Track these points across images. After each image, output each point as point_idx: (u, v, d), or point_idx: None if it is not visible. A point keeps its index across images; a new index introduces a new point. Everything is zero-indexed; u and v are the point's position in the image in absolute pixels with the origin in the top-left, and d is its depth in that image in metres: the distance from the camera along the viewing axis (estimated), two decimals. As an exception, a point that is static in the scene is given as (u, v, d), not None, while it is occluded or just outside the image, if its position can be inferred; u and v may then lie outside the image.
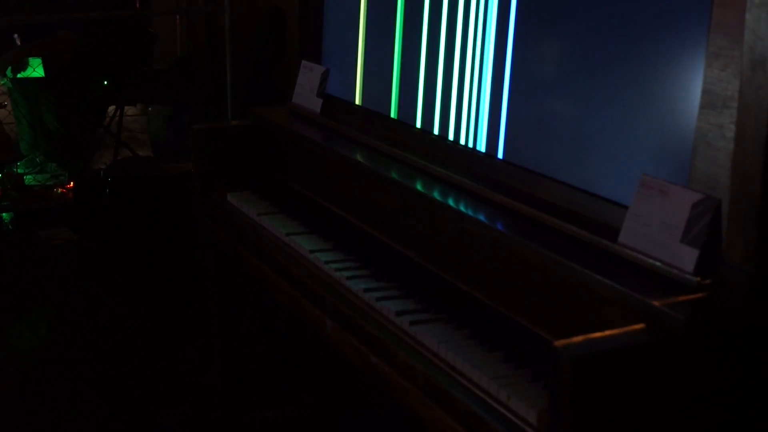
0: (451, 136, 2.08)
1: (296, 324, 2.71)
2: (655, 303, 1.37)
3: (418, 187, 1.99)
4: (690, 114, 1.49)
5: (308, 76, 2.59)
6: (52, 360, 3.41)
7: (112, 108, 5.63)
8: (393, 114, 2.32)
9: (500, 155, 1.93)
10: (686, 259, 1.43)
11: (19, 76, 5.24)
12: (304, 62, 2.63)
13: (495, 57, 1.94)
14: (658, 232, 1.48)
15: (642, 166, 1.58)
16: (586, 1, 1.72)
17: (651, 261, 1.48)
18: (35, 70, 5.22)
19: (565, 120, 1.77)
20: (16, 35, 5.43)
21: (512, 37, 1.90)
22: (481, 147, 1.98)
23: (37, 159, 5.37)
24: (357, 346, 1.84)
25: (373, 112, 2.38)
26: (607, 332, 1.34)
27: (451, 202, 1.89)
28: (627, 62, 1.63)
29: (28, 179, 5.20)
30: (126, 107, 5.70)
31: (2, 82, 5.34)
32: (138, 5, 6.91)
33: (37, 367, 3.36)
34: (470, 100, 2.02)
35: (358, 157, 2.22)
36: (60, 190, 5.06)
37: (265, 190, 2.50)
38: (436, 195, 1.93)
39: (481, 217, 1.80)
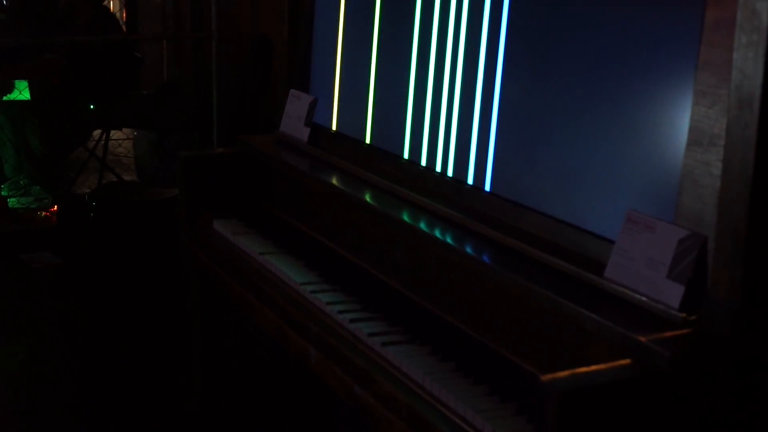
0: (438, 168, 2.09)
1: (279, 350, 2.70)
2: (641, 338, 1.37)
3: (405, 218, 1.99)
4: (677, 151, 1.50)
5: (296, 105, 2.59)
6: (32, 384, 3.39)
7: (97, 132, 5.64)
8: (379, 144, 2.32)
9: (487, 188, 1.94)
10: (672, 295, 1.44)
11: (4, 98, 5.23)
12: (292, 91, 2.64)
13: (483, 90, 1.95)
14: (644, 268, 1.49)
15: (629, 201, 1.59)
16: (575, 38, 1.74)
17: (637, 296, 1.48)
18: (21, 93, 5.21)
19: (553, 154, 1.78)
20: None
21: (501, 70, 1.91)
22: (469, 179, 1.99)
23: (21, 182, 5.36)
24: (341, 376, 1.84)
25: (360, 142, 2.39)
26: (593, 367, 1.34)
27: (437, 233, 1.89)
28: (615, 98, 1.64)
29: (12, 202, 5.19)
30: (111, 131, 5.70)
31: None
32: (125, 30, 6.94)
33: (16, 390, 3.34)
34: (458, 133, 2.03)
35: (345, 187, 2.22)
36: (43, 213, 5.05)
37: (252, 218, 2.50)
38: (422, 226, 1.93)
39: (468, 249, 1.81)
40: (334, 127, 2.53)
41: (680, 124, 1.50)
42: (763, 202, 1.36)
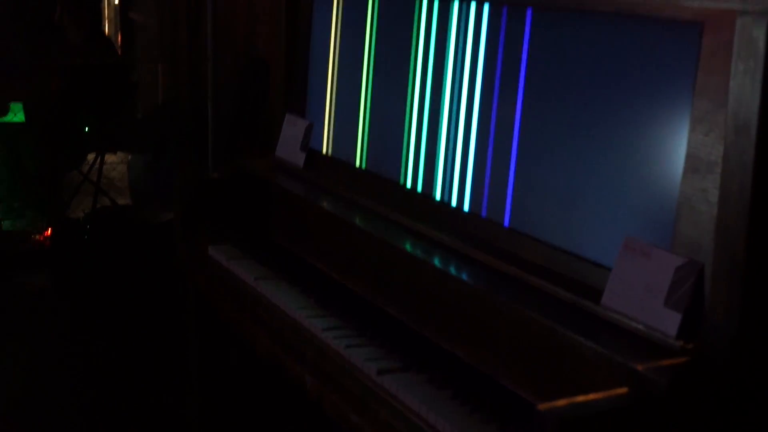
0: (435, 195, 2.09)
1: (276, 370, 2.70)
2: (638, 367, 1.37)
3: (402, 244, 1.98)
4: (674, 177, 1.50)
5: (292, 130, 2.59)
6: (28, 405, 3.37)
7: (91, 156, 5.62)
8: (375, 170, 2.32)
9: (484, 214, 1.93)
10: (669, 322, 1.43)
11: (-1, 121, 5.24)
12: (288, 115, 2.63)
13: (480, 118, 1.95)
14: (641, 295, 1.48)
15: (626, 228, 1.58)
16: (571, 64, 1.73)
17: (634, 324, 1.48)
18: (16, 115, 5.21)
19: (549, 181, 1.77)
20: None
21: (496, 98, 1.91)
22: (465, 206, 1.98)
23: (15, 204, 5.35)
24: (337, 403, 1.83)
25: (356, 168, 2.39)
26: (591, 396, 1.33)
27: (434, 260, 1.89)
28: (612, 125, 1.64)
29: (6, 225, 5.17)
30: (106, 155, 5.69)
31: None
32: (120, 52, 6.93)
33: (11, 411, 3.32)
34: (454, 160, 2.03)
35: (341, 213, 2.22)
36: (38, 236, 5.04)
37: (247, 243, 2.49)
38: (419, 253, 1.93)
39: (464, 276, 1.80)
40: (330, 152, 2.53)
41: (677, 151, 1.50)
42: (761, 228, 1.36)
